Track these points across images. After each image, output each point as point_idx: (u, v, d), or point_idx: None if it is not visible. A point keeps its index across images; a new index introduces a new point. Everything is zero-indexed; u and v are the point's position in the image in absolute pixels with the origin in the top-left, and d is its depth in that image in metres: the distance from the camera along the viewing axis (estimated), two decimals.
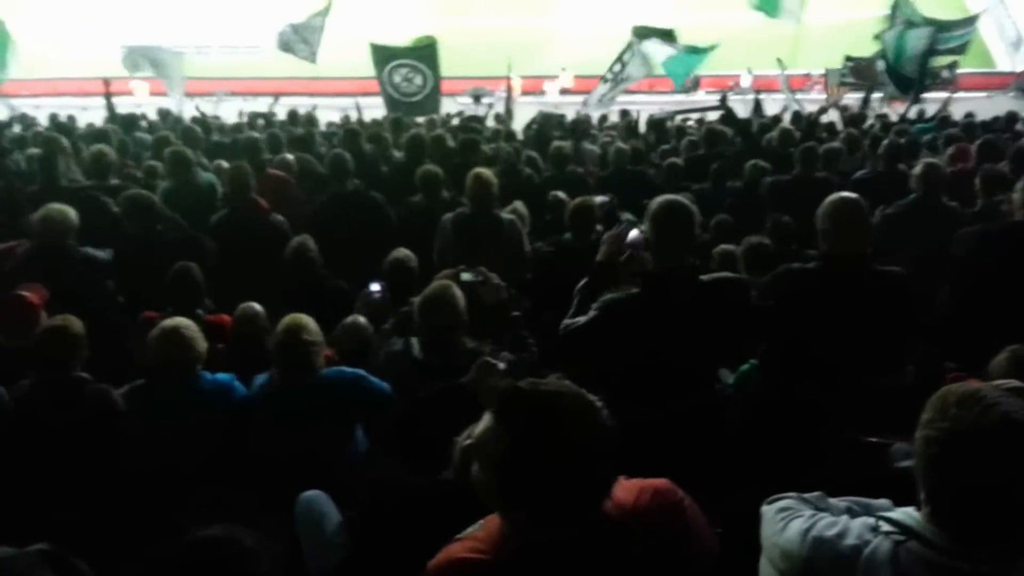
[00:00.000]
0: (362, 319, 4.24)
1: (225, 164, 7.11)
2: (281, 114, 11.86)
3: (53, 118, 12.32)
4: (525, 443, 1.56)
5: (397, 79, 12.28)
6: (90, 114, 12.66)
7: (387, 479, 3.04)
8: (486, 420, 1.64)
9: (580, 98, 14.64)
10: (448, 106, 15.54)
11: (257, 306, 4.27)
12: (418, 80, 12.28)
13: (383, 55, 12.42)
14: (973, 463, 1.49)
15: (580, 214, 5.08)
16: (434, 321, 3.48)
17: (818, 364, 3.11)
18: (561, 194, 6.32)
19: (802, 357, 3.18)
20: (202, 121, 11.48)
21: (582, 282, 3.33)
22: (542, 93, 22.53)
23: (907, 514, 1.64)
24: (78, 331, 3.53)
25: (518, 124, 12.33)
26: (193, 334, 3.56)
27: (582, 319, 3.16)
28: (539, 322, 4.20)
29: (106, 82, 11.74)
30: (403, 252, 4.82)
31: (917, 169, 5.29)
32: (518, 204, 6.01)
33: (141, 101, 14.90)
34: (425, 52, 12.47)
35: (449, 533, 1.76)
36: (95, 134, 9.70)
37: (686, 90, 18.12)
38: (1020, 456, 1.47)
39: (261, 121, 11.89)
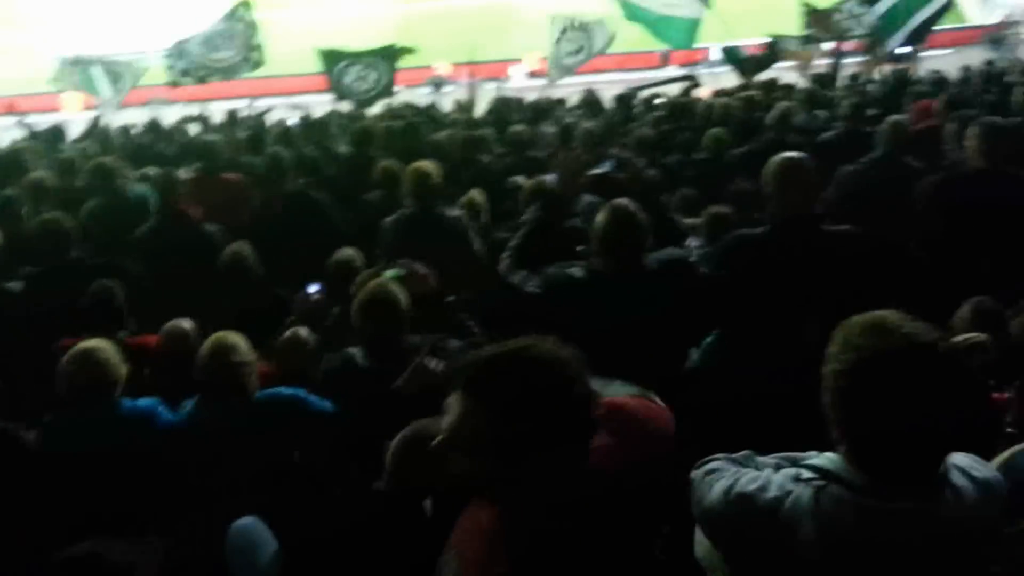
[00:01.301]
0: (303, 332, 4.10)
1: (153, 171, 6.94)
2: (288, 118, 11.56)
3: None
4: (512, 414, 1.47)
5: (348, 79, 11.97)
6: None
7: (322, 500, 2.92)
8: (457, 405, 1.53)
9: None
10: (407, 98, 15.39)
11: (186, 323, 4.12)
12: (371, 78, 12.00)
13: (333, 57, 12.12)
14: (880, 392, 1.49)
15: (536, 194, 5.03)
16: (376, 325, 3.37)
17: (778, 334, 3.04)
18: (520, 179, 6.23)
19: (761, 328, 3.09)
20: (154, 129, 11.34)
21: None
22: (507, 78, 22.38)
23: (827, 459, 1.64)
24: None
25: (483, 110, 12.21)
26: (108, 357, 3.39)
27: None
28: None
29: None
30: (347, 252, 4.71)
31: (881, 127, 5.34)
32: (474, 193, 5.91)
33: (71, 116, 14.63)
34: (383, 53, 12.18)
35: (388, 548, 1.76)
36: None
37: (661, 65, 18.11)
38: (926, 379, 1.46)
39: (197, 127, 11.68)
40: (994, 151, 4.31)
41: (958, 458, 1.65)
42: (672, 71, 17.91)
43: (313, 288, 4.37)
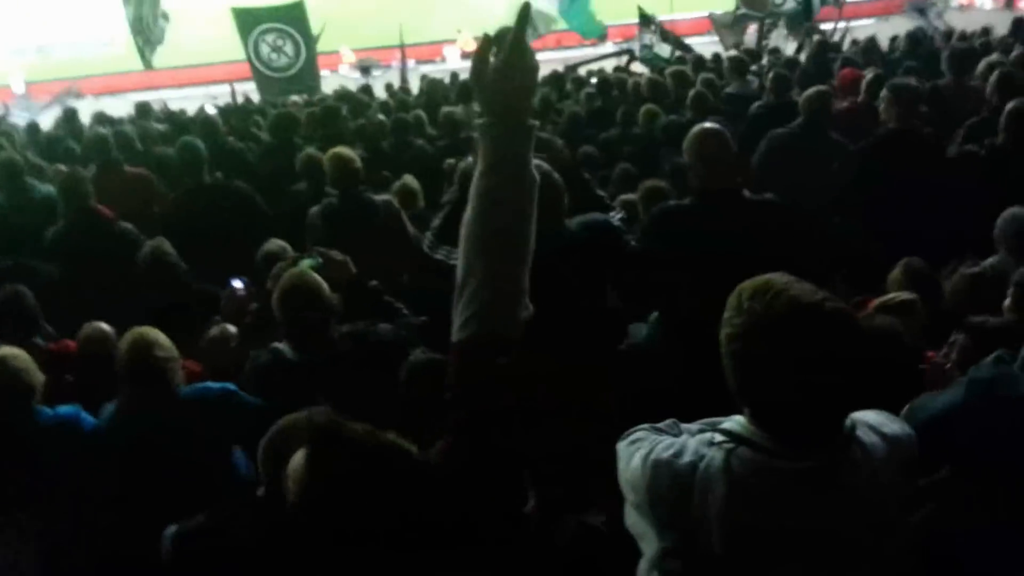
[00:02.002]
0: (231, 328, 4.04)
1: (63, 168, 6.75)
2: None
3: None
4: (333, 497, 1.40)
5: (265, 50, 11.76)
6: None
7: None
8: (301, 455, 1.45)
9: None
10: (334, 82, 15.21)
11: (105, 326, 4.02)
12: (289, 49, 11.79)
13: (246, 20, 11.88)
14: (772, 352, 1.55)
15: (468, 176, 4.92)
16: (301, 314, 3.31)
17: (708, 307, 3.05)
18: (454, 161, 6.18)
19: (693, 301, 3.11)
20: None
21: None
22: (442, 60, 22.24)
23: (737, 422, 1.69)
24: None
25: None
26: (22, 364, 3.29)
27: None
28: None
29: None
30: (277, 244, 4.63)
31: (802, 96, 5.47)
32: (408, 178, 5.88)
33: None
34: (293, 13, 11.97)
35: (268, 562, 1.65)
36: None
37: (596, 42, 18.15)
38: (814, 340, 1.51)
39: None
40: (908, 112, 4.51)
41: (867, 415, 1.71)
42: (609, 47, 17.99)
43: (239, 283, 4.29)
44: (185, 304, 4.42)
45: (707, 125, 3.48)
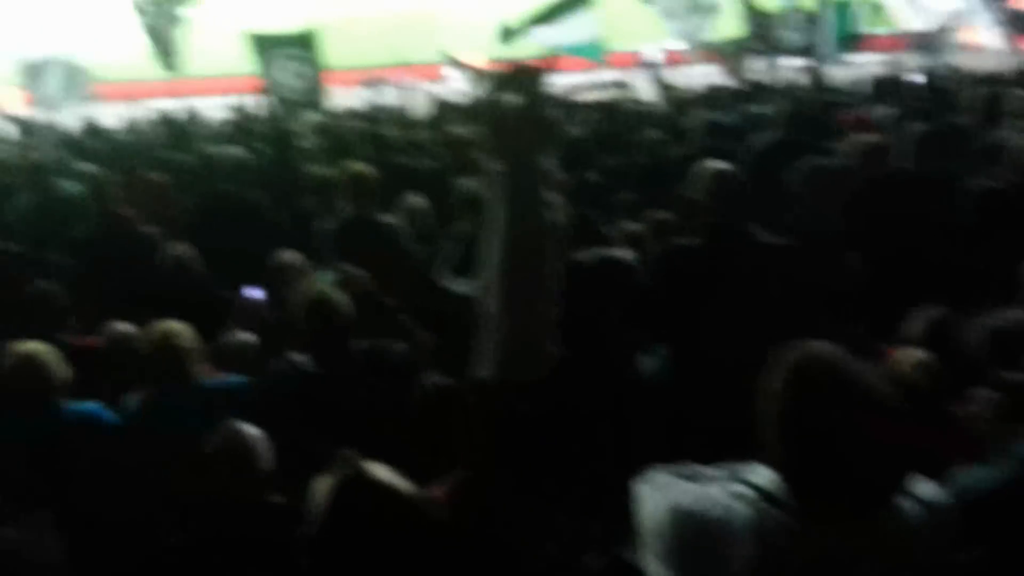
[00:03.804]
0: (248, 336, 4.10)
1: (94, 169, 6.84)
2: None
3: None
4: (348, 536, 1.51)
5: (278, 72, 11.80)
6: None
7: None
8: (324, 486, 1.55)
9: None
10: (346, 99, 15.26)
11: (129, 326, 4.07)
12: (305, 73, 11.85)
13: (263, 45, 11.94)
14: (814, 417, 1.54)
15: (473, 201, 5.00)
16: (321, 329, 3.38)
17: (718, 348, 3.09)
18: (462, 183, 6.24)
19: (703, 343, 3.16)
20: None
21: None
22: (443, 79, 22.30)
23: (766, 476, 1.65)
24: None
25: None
26: (49, 360, 3.38)
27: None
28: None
29: None
30: (288, 255, 4.70)
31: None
32: (414, 199, 5.82)
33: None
34: (308, 41, 12.03)
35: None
36: None
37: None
38: (861, 417, 1.52)
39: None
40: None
41: (910, 481, 1.67)
42: (607, 74, 18.07)
43: (256, 292, 4.36)
44: (202, 309, 4.47)
45: (719, 164, 3.47)
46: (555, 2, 12.13)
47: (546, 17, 12.17)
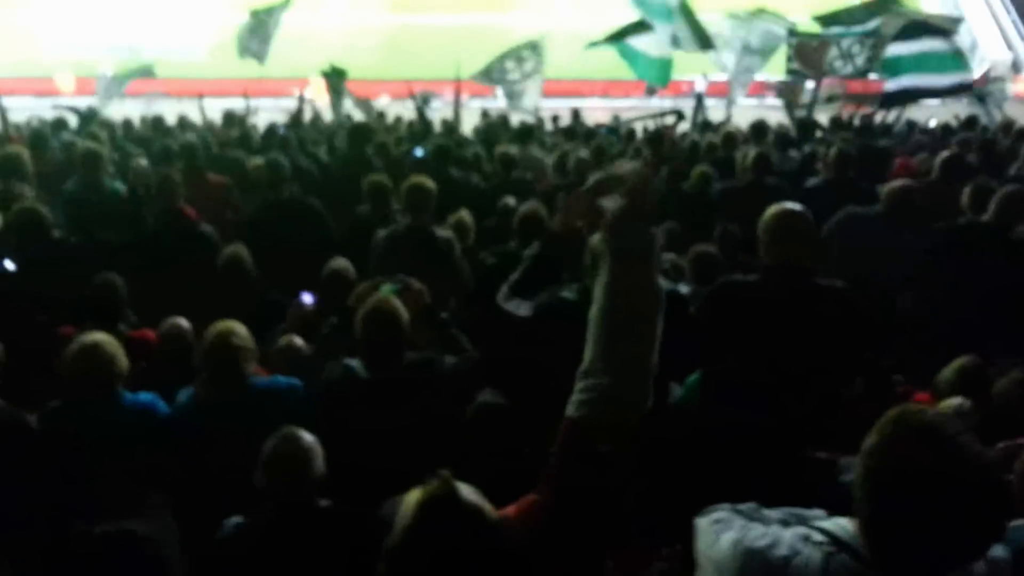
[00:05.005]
0: (298, 340, 4.18)
1: (143, 163, 7.00)
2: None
3: None
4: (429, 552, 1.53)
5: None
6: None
7: None
8: (412, 499, 1.59)
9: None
10: (398, 110, 15.46)
11: (184, 321, 4.20)
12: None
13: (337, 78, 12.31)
14: (903, 488, 1.53)
15: (528, 222, 5.05)
16: (380, 336, 3.44)
17: (760, 381, 3.11)
18: (511, 201, 6.31)
19: (742, 374, 3.18)
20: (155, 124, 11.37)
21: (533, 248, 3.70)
22: (494, 96, 22.44)
23: (839, 525, 1.66)
24: None
25: (467, 129, 12.30)
26: (114, 350, 3.47)
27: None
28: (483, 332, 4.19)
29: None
30: (341, 262, 4.79)
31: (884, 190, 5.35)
32: (463, 214, 5.93)
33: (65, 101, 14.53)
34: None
35: None
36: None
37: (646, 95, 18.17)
38: (953, 483, 1.50)
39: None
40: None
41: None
42: (658, 102, 18.12)
43: (307, 298, 4.43)
44: (255, 310, 4.57)
45: (787, 205, 3.44)
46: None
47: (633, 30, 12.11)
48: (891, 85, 10.93)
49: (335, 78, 12.13)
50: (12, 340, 3.86)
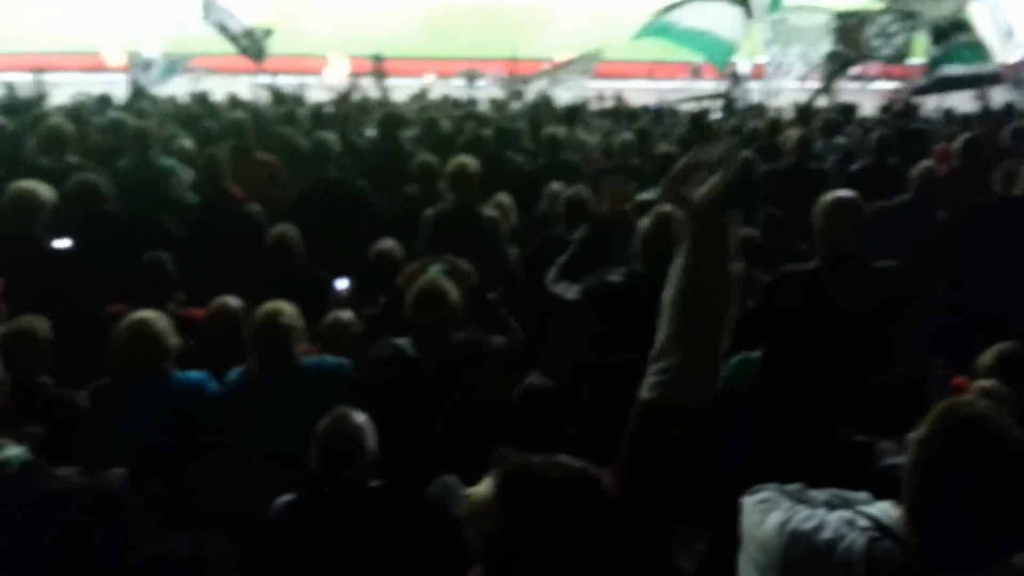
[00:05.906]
0: (346, 315, 4.18)
1: (188, 144, 7.01)
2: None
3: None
4: (522, 528, 1.42)
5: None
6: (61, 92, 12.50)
7: None
8: (485, 488, 1.48)
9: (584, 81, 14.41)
10: (442, 88, 15.46)
11: (233, 300, 4.19)
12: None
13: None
14: (951, 475, 1.55)
15: (574, 206, 5.00)
16: (430, 317, 3.44)
17: (815, 363, 3.10)
18: (557, 185, 6.24)
19: (800, 356, 3.16)
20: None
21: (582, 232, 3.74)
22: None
23: (883, 510, 1.68)
24: (44, 334, 3.45)
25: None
26: (163, 328, 3.47)
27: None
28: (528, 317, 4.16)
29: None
30: (389, 243, 4.79)
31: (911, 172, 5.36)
32: (503, 196, 5.89)
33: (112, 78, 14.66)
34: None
35: None
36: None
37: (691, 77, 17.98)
38: (999, 473, 1.52)
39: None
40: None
41: None
42: (703, 85, 17.86)
43: (342, 283, 4.44)
44: (303, 289, 4.57)
45: (841, 193, 3.49)
46: None
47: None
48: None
49: (377, 61, 12.18)
50: (61, 317, 3.89)
